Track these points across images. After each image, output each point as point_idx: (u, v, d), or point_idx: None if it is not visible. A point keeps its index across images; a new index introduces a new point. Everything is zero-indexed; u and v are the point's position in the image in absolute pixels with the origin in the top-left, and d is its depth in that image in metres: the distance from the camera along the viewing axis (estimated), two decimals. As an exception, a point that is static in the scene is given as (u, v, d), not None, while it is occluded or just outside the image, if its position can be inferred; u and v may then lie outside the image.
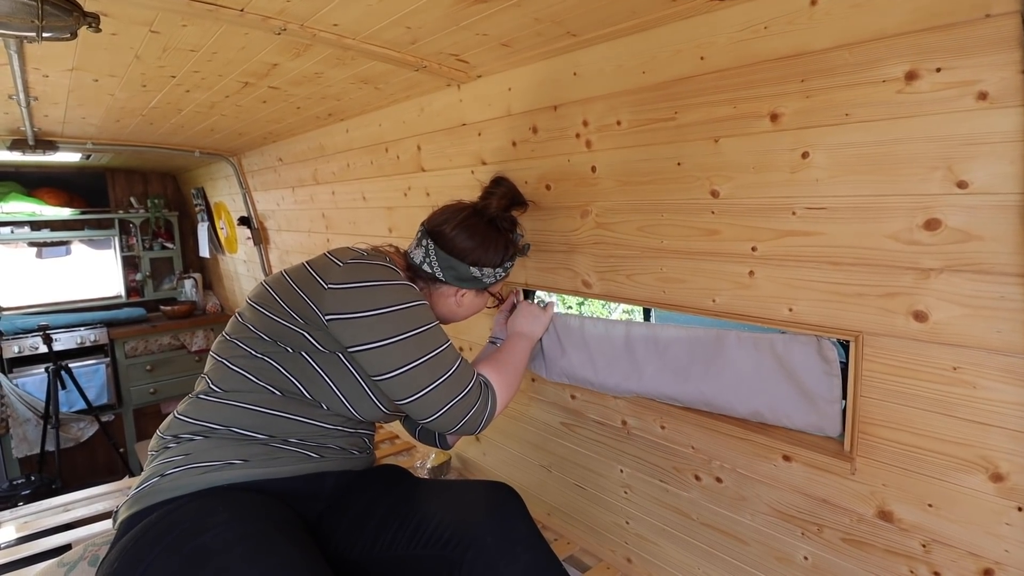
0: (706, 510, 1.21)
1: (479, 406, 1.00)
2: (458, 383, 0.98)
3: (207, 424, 0.95)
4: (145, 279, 4.19)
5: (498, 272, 1.18)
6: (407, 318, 0.95)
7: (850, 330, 0.89)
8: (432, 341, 0.97)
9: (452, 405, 0.96)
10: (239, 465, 0.92)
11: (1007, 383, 0.75)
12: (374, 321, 0.92)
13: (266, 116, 1.95)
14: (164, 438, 0.96)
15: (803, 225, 0.91)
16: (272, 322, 0.98)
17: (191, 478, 0.88)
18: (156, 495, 0.87)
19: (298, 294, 0.97)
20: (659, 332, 1.20)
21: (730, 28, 0.91)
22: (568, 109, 1.23)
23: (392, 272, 0.99)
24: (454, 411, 0.96)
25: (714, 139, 0.98)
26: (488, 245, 1.14)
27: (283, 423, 0.97)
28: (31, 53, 1.24)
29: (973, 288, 0.76)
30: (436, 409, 0.95)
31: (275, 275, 1.05)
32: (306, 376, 0.98)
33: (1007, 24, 0.67)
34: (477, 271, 1.14)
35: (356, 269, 0.96)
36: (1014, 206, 0.70)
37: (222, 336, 1.04)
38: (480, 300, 1.23)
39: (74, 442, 3.59)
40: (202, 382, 1.02)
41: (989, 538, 0.80)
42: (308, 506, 1.00)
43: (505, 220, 1.20)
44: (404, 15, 1.01)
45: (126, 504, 0.90)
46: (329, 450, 1.03)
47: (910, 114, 0.76)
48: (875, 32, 0.77)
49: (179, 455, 0.92)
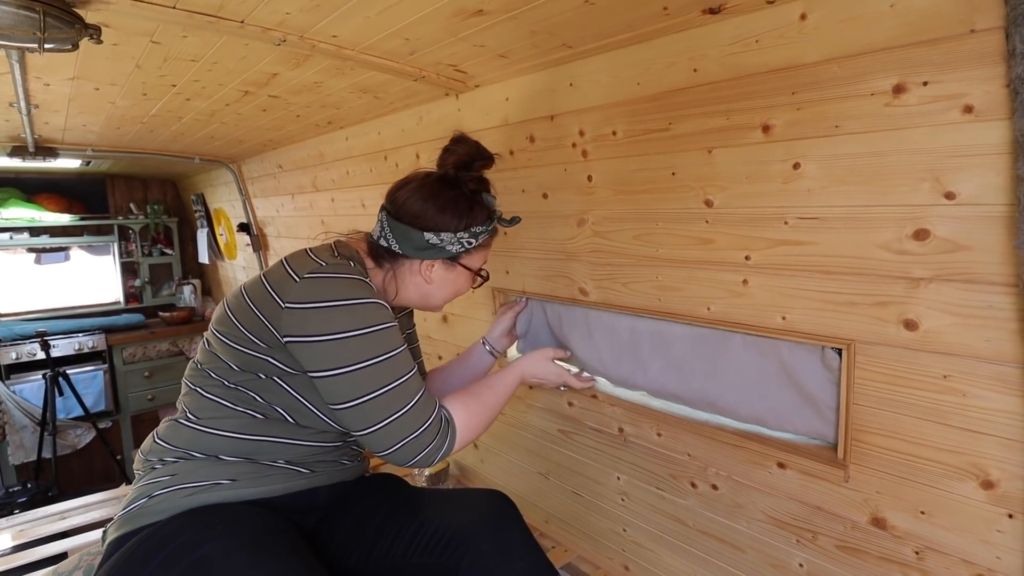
0: (702, 517, 1.21)
1: (435, 443, 0.92)
2: (416, 418, 0.90)
3: (187, 451, 0.93)
4: (144, 285, 4.19)
5: (463, 238, 1.02)
6: (366, 345, 0.87)
7: (842, 338, 0.90)
8: (392, 371, 0.89)
9: (407, 441, 0.88)
10: (227, 485, 0.90)
11: (997, 391, 0.76)
12: (330, 346, 0.85)
13: (266, 124, 1.96)
14: (149, 460, 0.95)
15: (795, 235, 0.92)
16: (236, 352, 0.92)
17: (178, 500, 0.87)
18: (143, 517, 0.86)
19: (256, 316, 0.89)
20: (664, 327, 1.19)
21: (722, 41, 0.93)
22: (564, 119, 1.24)
23: (354, 285, 0.90)
24: (409, 447, 0.89)
25: (708, 149, 1.00)
26: (445, 207, 1.00)
27: (267, 446, 0.94)
28: (32, 62, 1.26)
29: (962, 297, 0.77)
30: (390, 444, 0.88)
31: (234, 292, 0.97)
32: (285, 402, 0.94)
33: (991, 39, 0.68)
34: (434, 237, 1.00)
35: (314, 285, 0.87)
36: (1000, 217, 0.72)
37: (192, 364, 0.99)
38: (454, 276, 1.07)
39: (71, 449, 3.58)
40: (178, 411, 0.98)
41: (981, 545, 0.81)
42: (303, 518, 1.00)
43: (468, 180, 1.03)
44: (402, 27, 1.03)
45: (114, 525, 0.89)
46: (319, 464, 1.01)
47: (898, 126, 0.78)
48: (863, 46, 0.78)
49: (165, 476, 0.90)
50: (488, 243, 1.09)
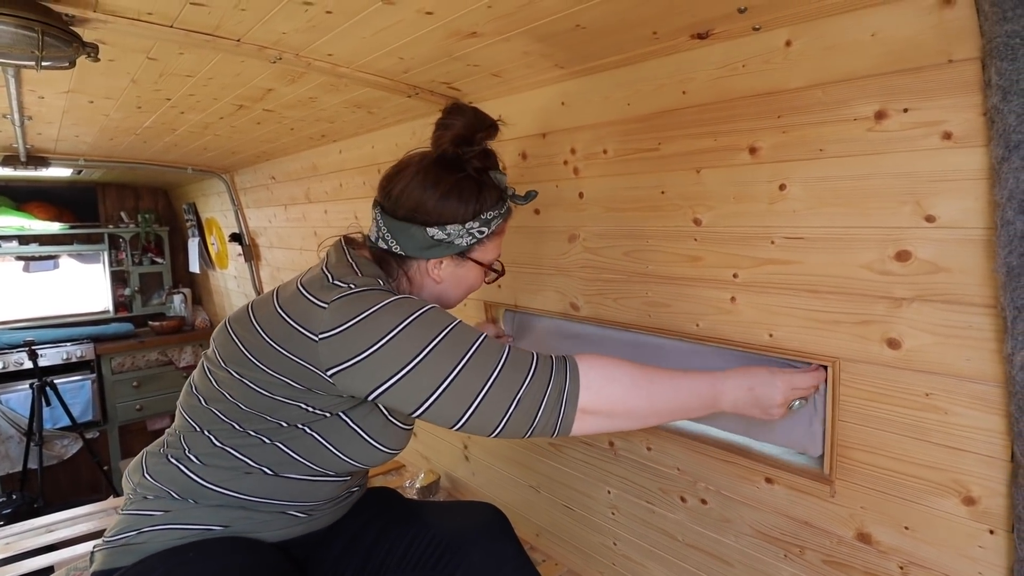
0: (692, 531, 1.22)
1: (552, 391, 0.75)
2: (515, 371, 0.76)
3: (183, 497, 0.85)
4: (134, 294, 4.16)
5: (473, 228, 0.89)
6: (420, 328, 0.76)
7: (827, 356, 0.92)
8: (460, 341, 0.76)
9: (518, 402, 0.74)
10: (219, 532, 0.85)
11: (977, 409, 0.78)
12: (384, 352, 0.74)
13: (260, 136, 1.97)
14: (137, 492, 0.88)
15: (782, 254, 0.94)
16: (261, 396, 0.81)
17: (167, 540, 0.82)
18: (131, 554, 0.81)
19: (286, 357, 0.78)
20: (654, 340, 1.20)
21: (710, 65, 0.95)
22: (556, 137, 1.26)
23: (381, 292, 0.81)
24: (523, 408, 0.74)
25: (696, 169, 1.02)
26: (448, 194, 0.87)
27: (274, 504, 0.88)
28: (28, 76, 1.26)
29: (943, 317, 0.79)
30: (500, 416, 0.74)
31: (245, 326, 0.84)
32: (307, 448, 0.85)
33: (968, 69, 0.71)
34: (439, 232, 0.87)
35: (344, 307, 0.77)
36: (979, 240, 0.74)
37: (192, 393, 0.88)
38: (465, 271, 0.94)
39: (57, 459, 3.53)
40: (175, 442, 0.88)
41: (963, 560, 0.82)
42: (298, 552, 0.97)
43: (471, 157, 0.90)
44: (397, 47, 1.05)
45: (101, 552, 0.84)
46: (318, 506, 0.94)
47: (880, 151, 0.80)
48: (846, 73, 0.81)
49: (157, 511, 0.84)
50: (502, 229, 0.96)
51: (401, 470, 2.18)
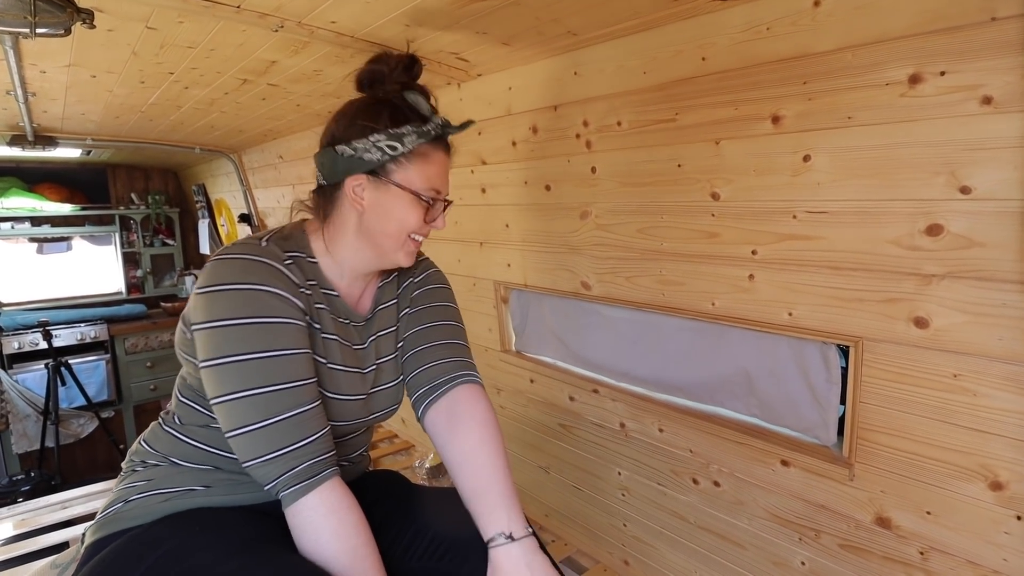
0: (704, 514, 1.20)
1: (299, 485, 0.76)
2: (283, 437, 0.75)
3: (167, 456, 0.89)
4: (146, 275, 4.19)
5: (380, 142, 0.84)
6: (246, 336, 0.76)
7: (850, 335, 0.88)
8: (271, 373, 0.76)
9: (266, 460, 0.75)
10: (201, 492, 0.86)
11: (1008, 391, 0.74)
12: (210, 335, 0.76)
13: (266, 113, 1.94)
14: (132, 461, 0.92)
15: (804, 229, 0.90)
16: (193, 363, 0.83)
17: (153, 505, 0.84)
18: (119, 522, 0.84)
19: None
20: (665, 320, 1.18)
21: (732, 29, 0.90)
22: (568, 109, 1.22)
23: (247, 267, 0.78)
24: (267, 468, 0.75)
25: (715, 141, 0.97)
26: (356, 114, 0.86)
27: None
28: (27, 49, 1.23)
29: (975, 295, 0.75)
30: (249, 457, 0.76)
31: None
32: None
33: (1013, 27, 0.66)
34: (347, 148, 0.85)
35: (214, 268, 0.79)
36: (1017, 212, 0.69)
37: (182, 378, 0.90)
38: (390, 198, 0.87)
39: (74, 438, 3.59)
40: (167, 415, 0.92)
41: (988, 546, 0.80)
42: None
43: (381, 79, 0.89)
44: (402, 13, 1.01)
45: (91, 528, 0.86)
46: None
47: (913, 118, 0.75)
48: (879, 34, 0.76)
49: (142, 480, 0.88)
50: (427, 154, 0.87)
51: (410, 451, 2.18)
